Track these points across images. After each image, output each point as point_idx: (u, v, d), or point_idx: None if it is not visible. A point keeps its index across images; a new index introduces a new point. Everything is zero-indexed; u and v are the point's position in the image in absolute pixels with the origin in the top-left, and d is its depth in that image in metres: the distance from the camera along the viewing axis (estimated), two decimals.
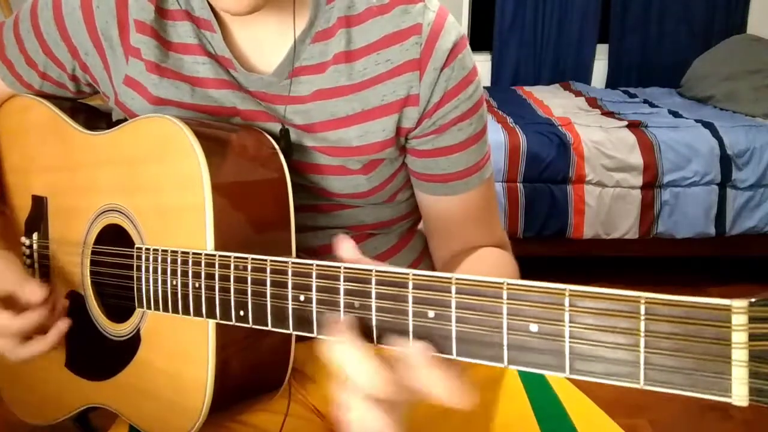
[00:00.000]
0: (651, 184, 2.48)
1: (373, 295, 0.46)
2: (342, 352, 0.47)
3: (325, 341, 0.48)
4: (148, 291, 0.65)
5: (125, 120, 0.74)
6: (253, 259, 0.55)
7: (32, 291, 0.72)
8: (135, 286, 0.67)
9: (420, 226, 0.90)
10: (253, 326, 0.55)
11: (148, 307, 0.66)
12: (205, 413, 0.62)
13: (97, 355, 0.75)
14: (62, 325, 0.74)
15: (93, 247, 0.74)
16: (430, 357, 0.44)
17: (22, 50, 0.79)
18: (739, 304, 0.33)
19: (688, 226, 2.51)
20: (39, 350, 0.73)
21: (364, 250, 0.79)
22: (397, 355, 0.46)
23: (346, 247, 0.52)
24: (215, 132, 0.67)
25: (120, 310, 0.72)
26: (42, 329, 0.73)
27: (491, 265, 0.76)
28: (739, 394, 0.33)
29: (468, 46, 0.74)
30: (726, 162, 2.47)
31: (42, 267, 0.83)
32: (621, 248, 2.57)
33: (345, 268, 0.47)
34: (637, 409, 1.82)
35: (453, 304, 0.43)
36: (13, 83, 0.82)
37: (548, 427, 0.71)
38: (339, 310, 0.48)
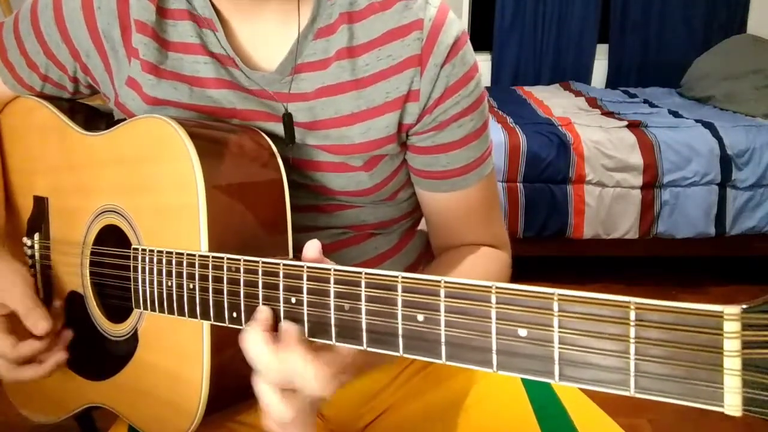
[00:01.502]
0: (651, 184, 2.48)
1: (363, 298, 0.46)
2: (248, 340, 0.53)
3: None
4: (144, 292, 0.65)
5: (124, 120, 0.74)
6: (245, 260, 0.54)
7: (37, 321, 0.73)
8: (132, 286, 0.67)
9: (421, 225, 0.90)
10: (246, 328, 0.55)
11: (145, 308, 0.66)
12: (201, 413, 0.62)
13: (96, 355, 0.75)
14: (60, 357, 0.75)
15: (92, 248, 0.75)
16: (295, 338, 0.50)
17: (23, 52, 0.79)
18: (731, 310, 0.32)
19: (688, 226, 2.51)
20: (34, 376, 0.74)
21: (366, 250, 0.80)
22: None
23: (311, 247, 0.55)
24: (210, 132, 0.67)
25: (119, 311, 0.72)
26: (40, 354, 0.75)
27: (479, 268, 0.76)
28: (732, 404, 0.32)
29: (469, 42, 0.74)
30: (726, 162, 2.46)
31: (43, 267, 0.83)
32: (621, 248, 2.57)
33: (335, 270, 0.47)
34: (637, 409, 1.82)
35: (442, 308, 0.42)
36: (15, 86, 0.82)
37: (548, 427, 0.71)
38: (329, 313, 0.48)
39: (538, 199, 2.50)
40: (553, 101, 3.09)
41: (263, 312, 0.54)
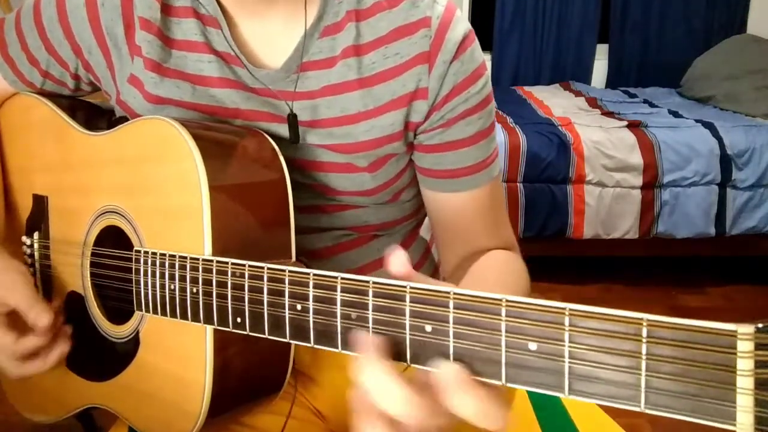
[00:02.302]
0: (651, 184, 2.48)
1: (370, 307, 0.45)
2: (369, 373, 0.43)
3: (354, 362, 0.45)
4: (146, 294, 0.65)
5: (125, 119, 0.74)
6: (250, 266, 0.54)
7: (39, 316, 0.72)
8: (134, 289, 0.67)
9: (423, 232, 0.90)
10: (250, 333, 0.55)
11: (147, 311, 0.65)
12: (203, 416, 0.62)
13: (97, 356, 0.75)
14: (63, 349, 0.75)
15: (93, 249, 0.74)
16: (465, 380, 0.41)
17: (24, 48, 0.79)
18: (745, 330, 0.32)
19: (688, 226, 2.51)
20: (38, 370, 0.74)
21: (368, 252, 0.79)
22: (426, 376, 0.43)
23: (396, 261, 0.47)
24: (214, 134, 0.67)
25: (120, 312, 0.71)
26: (42, 349, 0.74)
27: (499, 272, 0.75)
28: (744, 423, 0.32)
29: (476, 40, 0.74)
30: (726, 162, 2.47)
31: (42, 266, 0.83)
32: (621, 248, 2.58)
33: (342, 278, 0.47)
34: None
35: (450, 320, 0.42)
36: (15, 82, 0.82)
37: (549, 427, 0.71)
38: (336, 321, 0.47)
39: (538, 199, 2.51)
40: (553, 101, 3.10)
41: (377, 342, 0.44)
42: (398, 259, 0.47)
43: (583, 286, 2.63)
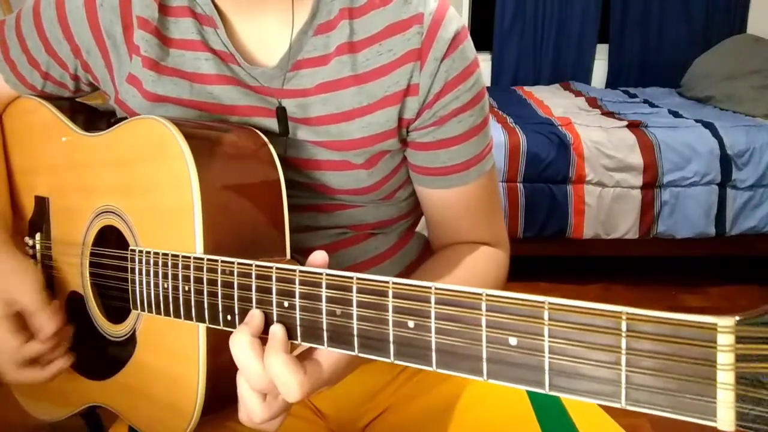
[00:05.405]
0: (651, 184, 2.48)
1: (354, 304, 0.45)
2: (236, 343, 0.53)
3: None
4: (141, 293, 0.65)
5: (125, 119, 0.75)
6: (239, 263, 0.54)
7: (45, 322, 0.74)
8: (129, 288, 0.67)
9: (420, 227, 0.90)
10: None
11: (142, 310, 0.66)
12: (197, 414, 0.62)
13: (97, 355, 0.75)
14: (64, 363, 0.76)
15: (91, 249, 0.75)
16: (278, 341, 0.51)
17: (25, 50, 0.79)
18: (725, 322, 0.31)
19: (688, 226, 2.50)
20: (34, 379, 0.75)
21: (365, 250, 0.80)
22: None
23: (317, 258, 0.55)
24: (206, 132, 0.67)
25: (119, 311, 0.72)
26: (43, 356, 0.75)
27: (476, 269, 0.76)
28: (725, 419, 0.31)
29: (469, 37, 0.74)
30: (726, 162, 2.46)
31: (45, 267, 0.83)
32: (621, 248, 2.57)
33: (327, 275, 0.47)
34: None
35: (432, 315, 0.41)
36: (16, 84, 0.82)
37: (549, 427, 0.71)
38: (321, 318, 0.48)
39: (538, 199, 2.50)
40: (553, 101, 3.09)
41: (255, 317, 0.53)
42: (318, 256, 0.55)
43: (583, 287, 2.62)
